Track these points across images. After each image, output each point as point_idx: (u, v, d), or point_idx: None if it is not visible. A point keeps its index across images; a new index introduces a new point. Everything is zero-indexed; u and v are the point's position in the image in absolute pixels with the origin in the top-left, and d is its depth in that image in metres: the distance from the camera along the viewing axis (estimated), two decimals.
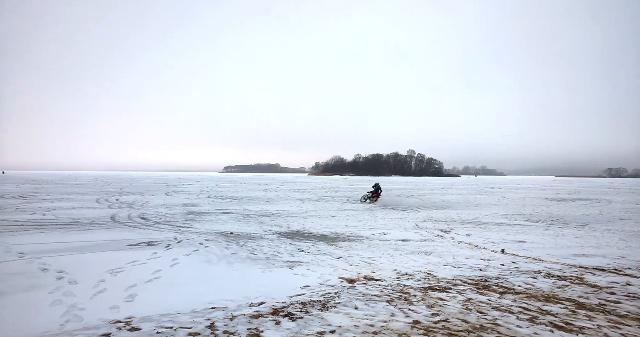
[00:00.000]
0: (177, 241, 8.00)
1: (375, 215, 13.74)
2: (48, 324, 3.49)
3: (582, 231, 10.13)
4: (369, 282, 5.07)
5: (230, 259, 6.36)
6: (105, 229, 9.47)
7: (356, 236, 9.02)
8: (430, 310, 3.97)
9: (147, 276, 5.21)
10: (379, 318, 3.72)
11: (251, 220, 11.89)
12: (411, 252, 7.25)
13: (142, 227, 9.87)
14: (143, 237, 8.43)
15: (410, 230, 10.18)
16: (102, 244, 7.50)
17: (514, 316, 3.82)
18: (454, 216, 13.83)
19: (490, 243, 8.27)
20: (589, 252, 7.31)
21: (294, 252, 7.02)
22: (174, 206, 16.37)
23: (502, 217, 13.31)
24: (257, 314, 3.81)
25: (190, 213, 13.54)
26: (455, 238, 8.93)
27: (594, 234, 9.68)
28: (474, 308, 4.04)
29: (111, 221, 11.15)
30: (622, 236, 9.27)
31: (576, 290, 4.81)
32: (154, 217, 12.22)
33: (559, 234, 9.68)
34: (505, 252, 7.28)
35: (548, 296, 4.52)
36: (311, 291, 4.69)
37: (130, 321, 3.61)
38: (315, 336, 3.30)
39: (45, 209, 13.82)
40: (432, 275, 5.53)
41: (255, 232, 9.38)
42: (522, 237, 9.05)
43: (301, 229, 10.15)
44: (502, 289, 4.80)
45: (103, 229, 9.56)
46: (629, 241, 8.64)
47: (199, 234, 8.97)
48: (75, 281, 4.93)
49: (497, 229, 10.41)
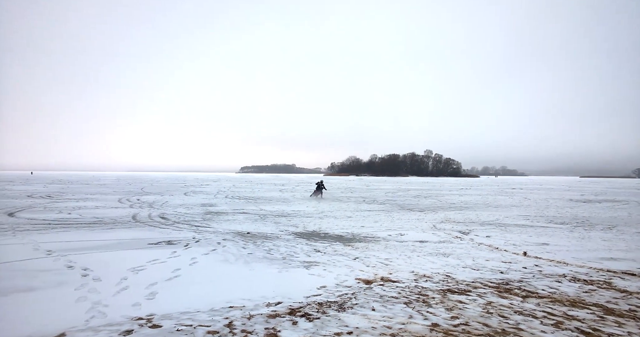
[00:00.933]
0: (195, 240, 8.13)
1: (392, 216, 13.60)
2: (74, 320, 3.60)
3: (610, 234, 9.75)
4: (386, 284, 5.02)
5: (247, 259, 6.42)
6: (127, 228, 9.71)
7: (372, 237, 8.95)
8: (449, 313, 3.89)
9: (167, 275, 5.31)
10: (396, 320, 3.67)
11: (268, 220, 11.96)
12: (429, 253, 7.14)
13: (162, 227, 10.08)
14: (163, 236, 8.60)
15: (427, 231, 10.03)
16: (124, 243, 7.70)
17: (538, 320, 3.70)
18: (473, 217, 13.55)
19: (512, 245, 8.06)
20: (617, 256, 7.02)
21: (311, 253, 7.02)
22: (193, 205, 16.65)
23: (524, 219, 12.95)
24: (274, 314, 3.83)
25: (208, 213, 13.74)
26: (475, 240, 8.74)
27: (623, 237, 9.29)
28: (495, 312, 3.94)
29: (132, 220, 11.43)
30: None
31: (604, 295, 4.63)
32: (173, 216, 12.46)
33: (585, 236, 9.35)
34: (528, 255, 7.08)
35: (574, 301, 4.37)
36: (328, 291, 4.68)
37: (151, 318, 3.69)
38: (332, 336, 3.29)
39: (71, 209, 14.30)
40: (451, 277, 5.43)
41: (272, 232, 9.44)
42: (546, 240, 8.78)
43: (317, 229, 10.15)
44: (524, 293, 4.67)
45: (125, 228, 9.81)
46: None
47: (217, 233, 9.09)
48: (99, 278, 5.07)
49: (518, 231, 10.13)
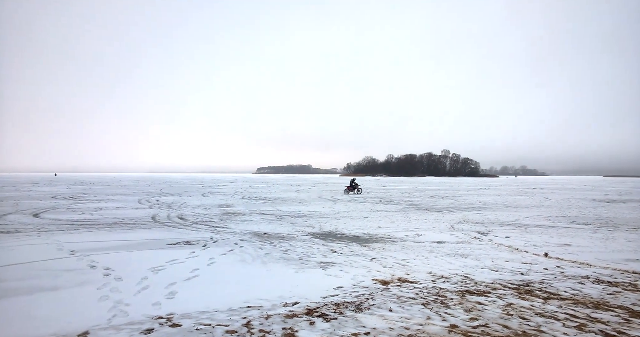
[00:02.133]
0: (213, 240, 8.26)
1: (409, 216, 13.48)
2: (97, 318, 3.72)
3: (635, 235, 9.40)
4: (403, 285, 4.99)
5: (265, 259, 6.48)
6: (146, 229, 9.95)
7: (389, 237, 8.90)
8: (468, 314, 3.84)
9: (186, 275, 5.42)
10: (414, 321, 3.65)
11: (284, 221, 12.04)
12: (447, 254, 7.05)
13: (181, 227, 10.28)
14: (181, 236, 8.78)
15: (445, 232, 9.90)
16: (144, 243, 7.89)
17: (560, 323, 3.62)
18: (492, 217, 13.30)
19: (532, 246, 7.88)
20: None
21: (327, 253, 7.03)
22: (210, 206, 16.90)
23: (545, 219, 12.62)
24: (291, 314, 3.86)
25: (226, 214, 13.93)
26: (494, 240, 8.58)
27: None
28: (516, 313, 3.87)
29: (152, 220, 11.70)
30: None
31: (629, 297, 4.48)
32: (192, 217, 12.69)
33: (609, 237, 9.04)
34: (549, 256, 6.91)
35: (598, 303, 4.24)
36: (345, 292, 4.68)
37: (171, 317, 3.78)
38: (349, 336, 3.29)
39: (93, 209, 14.74)
40: (470, 278, 5.35)
41: (288, 233, 9.50)
42: (567, 241, 8.54)
43: (333, 229, 10.16)
44: (546, 295, 4.56)
45: (145, 228, 10.05)
46: None
47: (234, 234, 9.21)
48: (121, 278, 5.22)
49: (539, 232, 9.89)
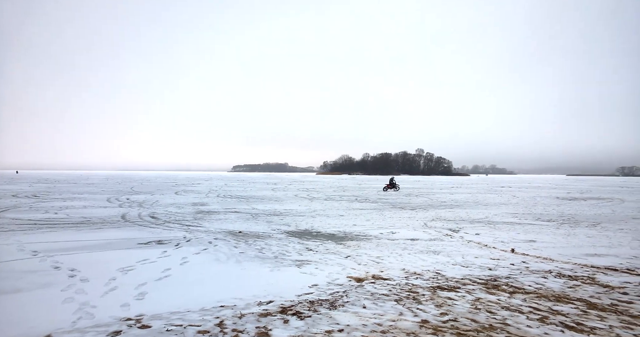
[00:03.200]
0: (186, 239, 8.08)
1: (384, 214, 13.70)
2: (61, 321, 3.56)
3: (594, 231, 9.97)
4: (378, 282, 5.06)
5: (239, 258, 6.41)
6: (116, 228, 9.61)
7: (364, 235, 9.00)
8: (439, 309, 3.95)
9: (157, 275, 5.28)
10: (387, 317, 3.72)
11: (260, 219, 11.95)
12: (420, 251, 7.22)
13: (152, 226, 9.99)
14: (153, 236, 8.53)
15: (419, 229, 10.13)
16: (113, 243, 7.62)
17: (524, 315, 3.78)
18: (463, 215, 13.72)
19: (500, 242, 8.19)
20: (601, 252, 7.19)
21: (302, 251, 7.04)
22: (184, 205, 16.53)
23: (512, 217, 13.16)
24: (265, 313, 3.84)
25: (200, 212, 13.67)
26: (465, 237, 8.86)
27: (606, 233, 9.51)
28: (483, 308, 4.01)
29: (122, 219, 11.31)
30: (635, 236, 9.10)
31: (588, 290, 4.74)
32: (164, 216, 12.36)
33: (570, 233, 9.54)
34: (515, 252, 7.20)
35: (559, 296, 4.47)
36: (319, 290, 4.70)
37: (140, 318, 3.67)
38: (323, 334, 3.31)
39: (58, 208, 14.08)
40: (441, 274, 5.50)
41: (264, 231, 9.43)
42: (533, 237, 8.94)
43: (309, 228, 10.17)
44: (512, 289, 4.76)
45: (114, 228, 9.70)
46: None
47: (208, 233, 9.05)
48: (87, 279, 5.02)
49: (507, 229, 10.30)
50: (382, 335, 3.29)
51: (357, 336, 3.28)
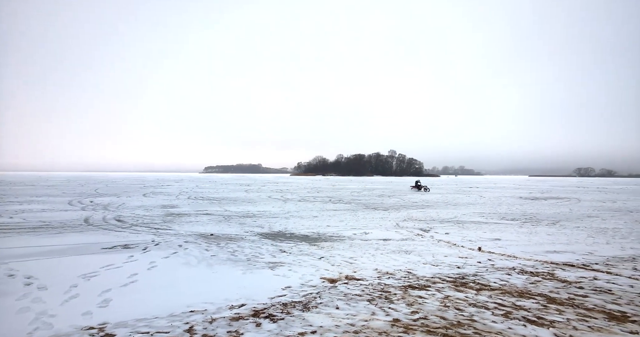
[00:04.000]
0: (155, 243, 7.81)
1: (357, 215, 13.84)
2: (15, 333, 3.34)
3: (554, 229, 10.53)
4: (351, 282, 5.10)
5: (211, 261, 6.26)
6: (78, 233, 9.14)
7: (338, 236, 9.05)
8: (410, 308, 4.03)
9: (123, 280, 5.06)
10: (360, 317, 3.75)
11: (232, 221, 11.74)
12: (392, 251, 7.34)
13: (118, 230, 9.59)
14: (119, 240, 8.18)
15: (391, 229, 10.30)
16: (75, 248, 7.24)
17: (490, 311, 3.93)
18: (434, 215, 14.10)
19: (468, 241, 8.48)
20: (559, 249, 7.60)
21: (276, 253, 6.98)
22: (152, 207, 15.97)
23: (479, 216, 13.66)
24: (237, 317, 3.77)
25: (169, 215, 13.26)
26: (435, 237, 9.10)
27: (564, 231, 10.07)
28: (452, 305, 4.13)
29: (85, 223, 10.78)
30: (589, 233, 9.69)
31: (548, 285, 4.99)
32: (131, 219, 11.89)
33: (532, 231, 10.02)
34: (482, 250, 7.48)
35: (521, 292, 4.68)
36: (293, 291, 4.68)
37: (104, 327, 3.50)
38: (296, 336, 3.29)
39: (13, 212, 13.21)
40: (412, 273, 5.62)
41: (237, 234, 9.28)
42: (498, 235, 9.32)
43: (283, 229, 10.11)
44: (478, 286, 4.93)
45: (76, 232, 9.23)
46: (596, 237, 9.04)
47: (178, 236, 8.79)
48: (45, 286, 4.74)
49: (474, 228, 10.67)
50: (355, 335, 3.32)
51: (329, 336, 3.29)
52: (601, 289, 4.80)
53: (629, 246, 7.94)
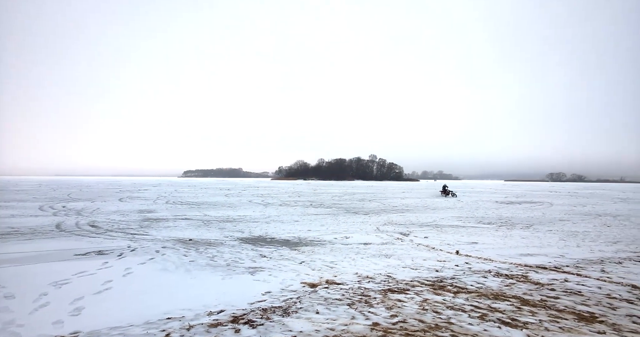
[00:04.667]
0: (130, 249, 7.60)
1: (338, 219, 13.89)
2: None
3: (527, 232, 10.88)
4: (331, 286, 5.11)
5: (189, 267, 6.15)
6: (49, 239, 8.78)
7: (319, 241, 9.06)
8: (389, 312, 4.07)
9: (97, 288, 4.90)
10: (339, 322, 3.76)
11: (212, 226, 11.56)
12: (372, 255, 7.40)
13: (92, 236, 9.27)
14: (92, 246, 7.92)
15: (371, 233, 10.39)
16: (45, 255, 6.96)
17: (466, 314, 4.02)
18: (413, 219, 14.31)
19: (446, 245, 8.65)
20: (533, 252, 7.85)
21: (256, 258, 6.91)
22: (128, 212, 15.54)
23: (457, 220, 13.96)
24: (216, 323, 3.71)
25: (146, 220, 12.92)
26: (414, 241, 9.24)
27: (538, 234, 10.42)
28: (430, 308, 4.20)
29: (56, 229, 10.37)
30: (561, 236, 10.06)
31: (521, 287, 5.15)
32: (106, 224, 11.53)
33: (507, 235, 10.32)
34: (460, 254, 7.64)
35: (497, 294, 4.81)
36: (273, 296, 4.65)
37: (75, 336, 3.38)
38: None
39: None
40: (392, 277, 5.68)
41: (216, 239, 9.14)
42: (475, 239, 9.55)
43: (263, 234, 10.03)
44: (456, 289, 5.03)
45: (47, 238, 8.87)
46: (568, 240, 9.40)
47: (156, 241, 8.58)
48: (13, 295, 4.53)
49: (452, 232, 10.90)
50: None
51: None
52: (571, 291, 4.98)
53: (597, 248, 8.29)
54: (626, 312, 4.12)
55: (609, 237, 9.85)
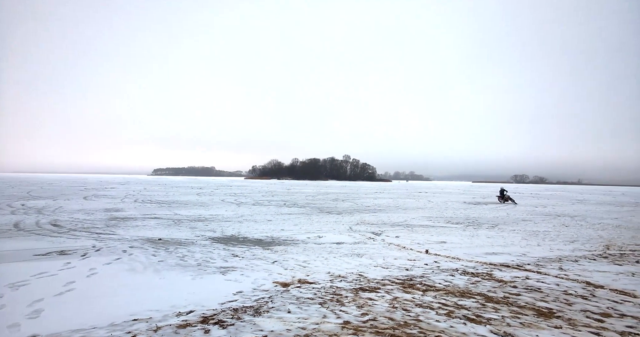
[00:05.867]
0: (95, 249, 7.30)
1: (311, 219, 13.92)
2: None
3: (493, 232, 11.34)
4: (303, 286, 5.13)
5: (158, 267, 5.98)
6: (6, 238, 8.28)
7: (292, 240, 9.05)
8: (360, 310, 4.14)
9: (58, 289, 4.68)
10: (311, 321, 3.79)
11: (182, 225, 11.29)
12: (345, 254, 7.48)
13: (54, 235, 8.82)
14: (54, 245, 7.54)
15: (344, 233, 10.49)
16: (1, 255, 6.56)
17: (434, 311, 4.15)
18: (385, 219, 14.57)
19: (416, 244, 8.87)
20: (497, 251, 8.20)
21: (228, 258, 6.82)
22: (94, 211, 14.89)
23: (427, 220, 14.34)
24: (184, 324, 3.64)
25: (113, 219, 12.44)
26: (386, 240, 9.41)
27: (502, 234, 10.89)
28: (400, 306, 4.31)
29: (14, 228, 9.79)
30: (524, 236, 10.57)
31: (486, 285, 5.37)
32: (69, 223, 11.00)
33: (474, 234, 10.72)
34: (429, 253, 7.87)
35: (463, 292, 4.99)
36: (244, 296, 4.61)
37: None
38: None
39: None
40: (363, 276, 5.77)
41: (187, 238, 8.93)
42: (444, 238, 9.85)
43: (236, 233, 9.90)
44: (425, 287, 5.18)
45: (3, 238, 8.35)
46: (529, 239, 9.88)
47: (123, 241, 8.28)
48: None
49: (422, 231, 11.19)
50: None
51: None
52: (532, 288, 5.25)
53: (556, 247, 8.77)
54: (581, 307, 4.39)
55: (567, 237, 10.44)
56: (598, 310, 4.28)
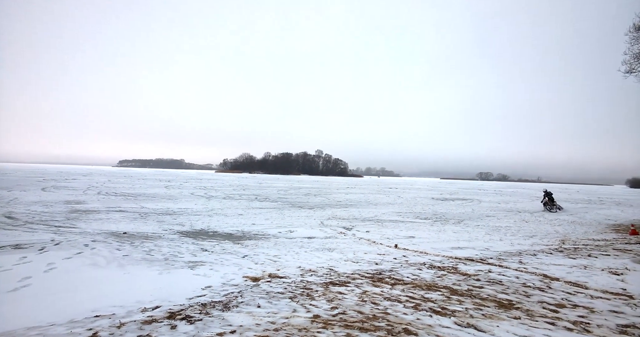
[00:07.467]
0: (54, 242, 6.92)
1: (283, 213, 13.88)
2: None
3: (459, 227, 11.78)
4: (274, 280, 5.11)
5: (122, 262, 5.76)
6: None
7: (263, 234, 8.99)
8: (330, 304, 4.18)
9: (12, 285, 4.41)
10: (281, 315, 3.79)
11: (149, 219, 10.92)
12: (316, 249, 7.52)
13: (7, 228, 8.29)
14: (8, 239, 7.09)
15: (315, 228, 10.54)
16: None
17: (402, 304, 4.26)
18: (356, 214, 14.76)
19: (386, 239, 9.06)
20: (462, 245, 8.53)
21: (197, 252, 6.68)
22: (53, 203, 14.11)
23: (397, 215, 14.67)
24: (150, 320, 3.53)
25: (74, 211, 11.84)
26: (356, 235, 9.55)
27: (467, 229, 11.33)
28: (369, 300, 4.39)
29: None
30: (487, 231, 11.05)
31: (451, 278, 5.58)
32: (25, 216, 10.36)
33: (441, 229, 11.09)
34: (398, 247, 8.06)
35: (430, 285, 5.16)
36: (213, 291, 4.54)
37: None
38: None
39: None
40: (334, 270, 5.83)
41: (154, 232, 8.66)
42: (412, 233, 10.12)
43: (206, 227, 9.71)
44: (393, 281, 5.31)
45: None
46: (492, 234, 10.35)
47: (84, 234, 7.91)
48: None
49: (392, 226, 11.44)
50: (275, 333, 3.34)
51: (249, 336, 3.26)
52: (494, 281, 5.50)
53: (517, 242, 9.23)
54: (538, 299, 4.65)
55: (527, 232, 11.02)
56: (553, 301, 4.55)
